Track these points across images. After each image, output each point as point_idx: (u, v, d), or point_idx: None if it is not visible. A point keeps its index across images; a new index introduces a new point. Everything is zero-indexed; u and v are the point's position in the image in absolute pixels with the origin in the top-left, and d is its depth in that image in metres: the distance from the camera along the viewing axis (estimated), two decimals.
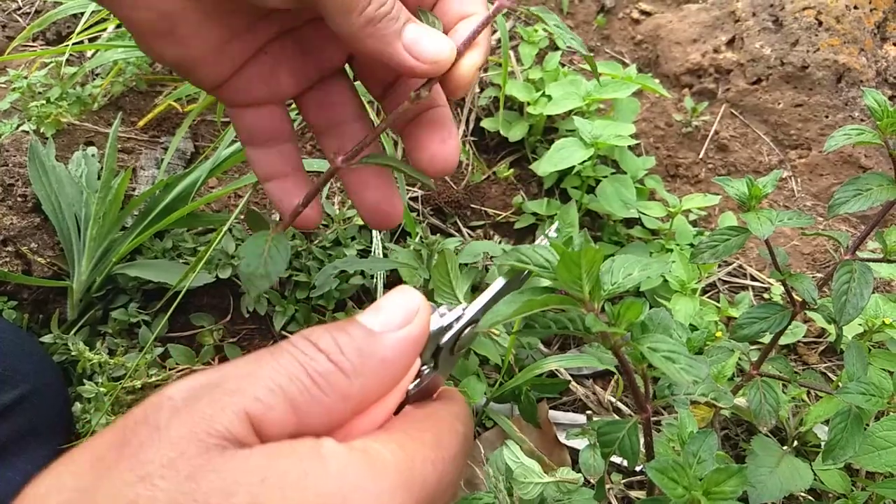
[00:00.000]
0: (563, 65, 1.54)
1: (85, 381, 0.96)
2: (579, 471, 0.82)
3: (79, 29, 1.27)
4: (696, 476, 0.55)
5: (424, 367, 0.40)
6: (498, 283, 0.47)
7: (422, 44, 0.44)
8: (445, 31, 0.47)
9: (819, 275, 1.28)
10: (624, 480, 0.97)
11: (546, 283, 0.52)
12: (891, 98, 1.45)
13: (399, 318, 0.36)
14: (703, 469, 0.55)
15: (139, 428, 0.29)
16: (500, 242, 1.26)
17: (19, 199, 1.14)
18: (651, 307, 0.80)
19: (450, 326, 0.41)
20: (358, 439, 0.32)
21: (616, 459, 0.99)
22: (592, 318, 0.46)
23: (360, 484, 0.29)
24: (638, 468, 1.00)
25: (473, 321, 0.43)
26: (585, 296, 0.45)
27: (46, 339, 1.01)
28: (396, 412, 0.37)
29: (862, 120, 1.42)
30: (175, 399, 0.30)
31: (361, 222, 1.18)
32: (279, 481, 0.28)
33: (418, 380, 0.40)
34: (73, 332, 1.05)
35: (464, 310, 0.42)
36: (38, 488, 0.28)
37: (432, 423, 0.36)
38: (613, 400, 1.07)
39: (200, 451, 0.28)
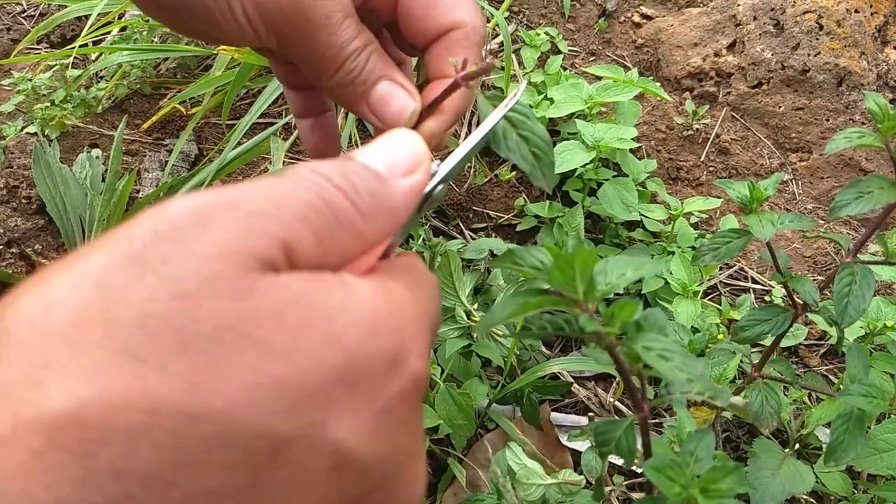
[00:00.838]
0: (565, 68, 1.55)
1: None
2: (581, 473, 0.83)
3: (84, 32, 1.28)
4: (693, 474, 0.55)
5: None
6: (477, 134, 0.45)
7: (386, 107, 0.45)
8: (428, 44, 0.47)
9: (820, 277, 1.28)
10: (626, 482, 0.97)
11: (542, 284, 0.52)
12: (891, 101, 1.46)
13: (405, 164, 0.35)
14: (701, 467, 0.56)
15: (156, 243, 0.24)
16: None
17: (24, 200, 1.15)
18: (645, 305, 0.80)
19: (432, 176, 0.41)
20: (369, 277, 0.32)
21: (618, 461, 0.99)
22: (586, 318, 0.46)
23: (390, 315, 0.29)
24: (639, 469, 1.00)
25: (445, 179, 0.42)
26: (580, 297, 0.46)
27: None
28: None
29: (863, 123, 1.42)
30: (186, 214, 0.26)
31: None
32: (325, 307, 0.27)
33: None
34: None
35: (438, 166, 0.41)
36: (28, 306, 0.23)
37: (416, 271, 0.36)
38: (614, 401, 1.07)
39: (240, 272, 0.25)
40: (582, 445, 0.99)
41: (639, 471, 1.00)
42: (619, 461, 0.97)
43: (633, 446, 0.54)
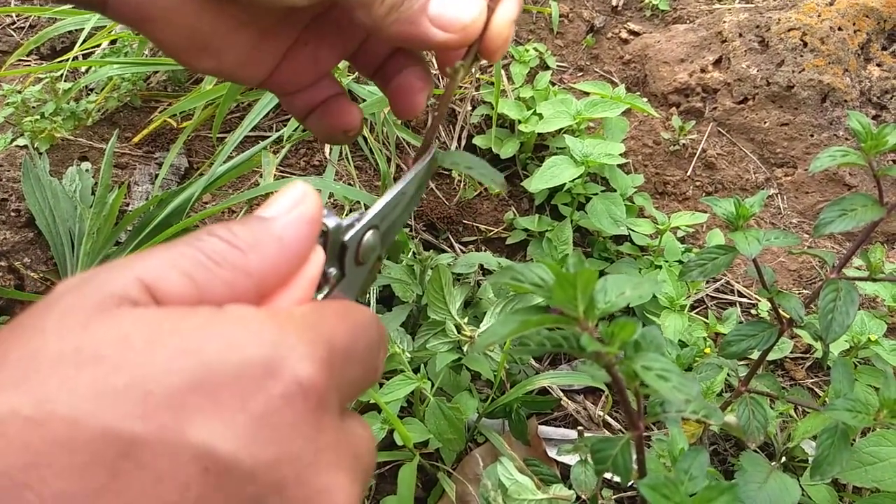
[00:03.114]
0: (554, 84, 1.57)
1: None
2: (570, 486, 0.83)
3: (77, 46, 1.28)
4: (687, 493, 0.56)
5: (331, 269, 0.40)
6: (403, 180, 0.46)
7: (447, 13, 0.42)
8: None
9: (806, 291, 1.30)
10: (615, 496, 0.98)
11: (539, 300, 0.53)
12: (875, 118, 1.48)
13: (288, 203, 0.35)
14: (695, 486, 0.57)
15: (33, 309, 0.28)
16: None
17: (13, 213, 1.14)
18: (642, 323, 0.81)
19: (352, 225, 0.41)
20: (265, 305, 0.33)
21: (607, 475, 1.00)
22: (587, 337, 0.47)
23: (264, 326, 0.29)
24: (629, 483, 1.00)
25: (374, 225, 0.42)
26: (580, 315, 0.46)
27: None
28: None
29: (847, 139, 1.44)
30: (68, 282, 0.29)
31: None
32: (176, 326, 0.27)
33: (327, 288, 0.40)
34: None
35: (360, 214, 0.42)
36: None
37: (340, 302, 0.36)
38: (603, 415, 1.08)
39: (95, 307, 0.27)
40: (571, 459, 1.00)
41: (629, 484, 1.01)
42: (609, 475, 0.98)
43: (629, 464, 0.54)
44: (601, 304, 0.50)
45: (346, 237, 0.40)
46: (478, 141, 1.41)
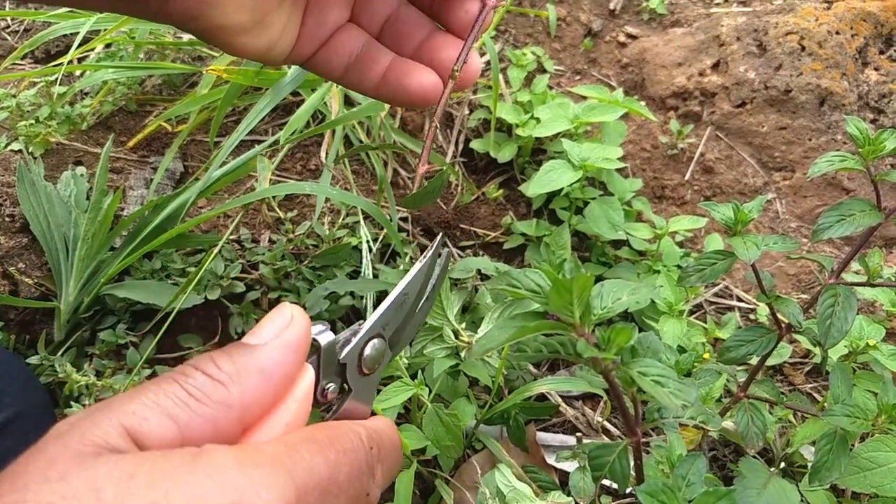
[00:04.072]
0: (551, 87, 1.56)
1: (72, 402, 0.95)
2: (569, 493, 0.82)
3: (72, 50, 1.28)
4: (685, 499, 0.55)
5: (329, 384, 0.40)
6: (404, 281, 0.45)
7: None
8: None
9: (804, 295, 1.29)
10: (614, 503, 0.97)
11: (536, 306, 0.52)
12: (872, 121, 1.48)
13: (273, 330, 0.37)
14: (693, 492, 0.56)
15: (24, 456, 0.30)
16: None
17: (7, 218, 1.14)
18: (639, 328, 0.80)
19: (349, 340, 0.41)
20: (242, 442, 0.34)
21: (605, 482, 0.99)
22: (583, 343, 0.46)
23: (230, 471, 0.30)
24: (627, 490, 1.00)
25: (374, 335, 0.42)
26: (576, 321, 0.46)
27: (33, 360, 1.00)
28: None
29: (844, 143, 1.44)
30: (59, 428, 0.31)
31: (354, 242, 1.18)
32: (147, 477, 0.29)
33: (333, 404, 0.40)
34: (60, 353, 1.05)
35: (360, 325, 0.42)
36: None
37: (329, 428, 0.36)
38: (602, 421, 1.07)
39: (75, 457, 0.29)
40: (570, 466, 0.99)
41: (627, 491, 1.00)
42: (608, 481, 0.97)
43: (626, 471, 0.54)
44: (598, 310, 0.50)
45: (343, 354, 0.40)
46: (475, 145, 1.41)
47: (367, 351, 0.41)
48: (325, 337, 0.39)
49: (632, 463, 0.58)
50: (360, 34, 0.55)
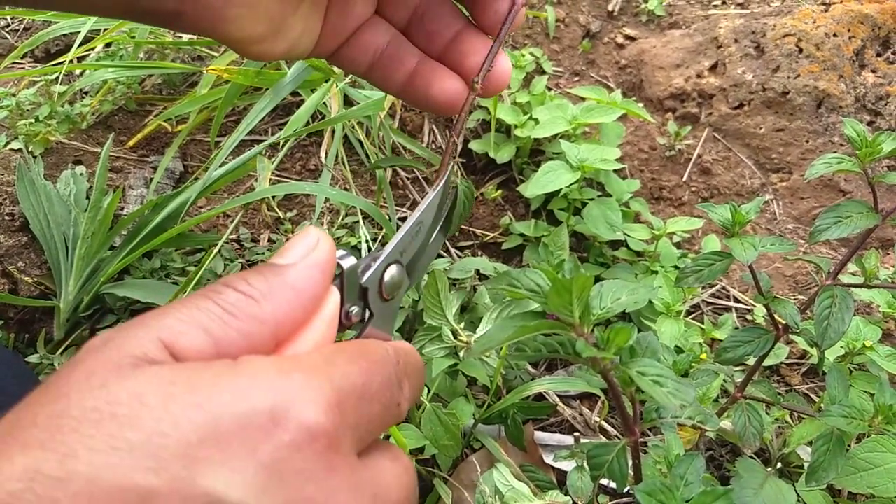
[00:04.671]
0: (550, 88, 1.57)
1: None
2: (567, 492, 0.83)
3: (73, 49, 1.28)
4: (683, 498, 0.56)
5: (353, 307, 0.41)
6: (418, 209, 0.46)
7: None
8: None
9: (801, 297, 1.30)
10: (612, 502, 0.98)
11: (535, 306, 0.53)
12: (869, 123, 1.49)
13: (302, 250, 0.37)
14: (691, 491, 0.57)
15: (61, 369, 0.31)
16: None
17: (7, 217, 1.14)
18: (637, 329, 0.81)
19: (369, 265, 0.42)
20: (280, 353, 0.35)
21: (603, 481, 1.00)
22: (583, 343, 0.47)
23: (271, 375, 0.31)
24: (625, 489, 1.00)
25: (393, 260, 0.43)
26: (576, 321, 0.47)
27: (32, 359, 1.01)
28: None
29: (842, 145, 1.45)
30: (93, 343, 0.32)
31: (353, 242, 1.19)
32: (189, 382, 0.29)
33: (356, 327, 0.41)
34: (59, 352, 1.05)
35: (378, 251, 0.43)
36: None
37: (359, 342, 0.37)
38: (600, 421, 1.08)
39: (114, 368, 0.30)
40: (567, 465, 1.00)
41: (625, 490, 1.01)
42: (605, 481, 0.98)
43: (625, 470, 0.54)
44: (597, 310, 0.50)
45: (364, 278, 0.41)
46: (474, 146, 1.42)
47: (387, 276, 0.42)
48: (348, 261, 0.40)
49: (630, 462, 0.59)
50: (387, 28, 0.53)
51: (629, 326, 0.47)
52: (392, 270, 0.43)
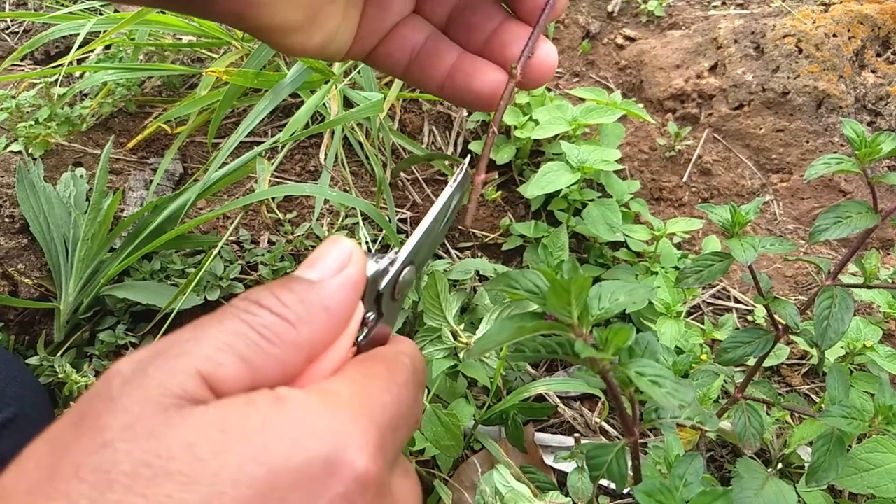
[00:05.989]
0: (550, 89, 1.57)
1: (71, 403, 0.95)
2: (567, 493, 0.83)
3: (73, 51, 1.28)
4: (682, 499, 0.56)
5: (369, 313, 0.40)
6: (435, 208, 0.44)
7: None
8: None
9: (801, 297, 1.30)
10: (611, 503, 0.98)
11: (535, 307, 0.53)
12: (869, 124, 1.49)
13: (335, 264, 0.36)
14: (690, 492, 0.56)
15: (93, 403, 0.29)
16: None
17: (7, 219, 1.14)
18: (637, 329, 0.81)
19: (386, 270, 0.41)
20: (313, 384, 0.33)
21: (603, 482, 1.00)
22: (581, 343, 0.47)
23: (320, 418, 0.30)
24: (625, 490, 1.00)
25: (409, 262, 0.42)
26: (574, 321, 0.46)
27: (32, 360, 1.01)
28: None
29: (842, 145, 1.45)
30: (123, 371, 0.30)
31: None
32: (240, 429, 0.28)
33: (366, 329, 0.40)
34: (59, 353, 1.05)
35: (396, 253, 0.42)
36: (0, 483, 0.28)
37: (380, 358, 0.36)
38: (600, 422, 1.07)
39: (157, 411, 0.28)
40: (567, 466, 1.00)
41: (625, 491, 1.01)
42: (605, 482, 0.97)
43: (624, 470, 0.54)
44: (595, 311, 0.50)
45: (382, 284, 0.40)
46: (473, 146, 1.41)
47: (402, 278, 0.42)
48: (370, 269, 0.39)
49: (629, 463, 0.59)
50: (425, 26, 0.50)
51: (628, 327, 0.47)
52: (406, 272, 0.42)
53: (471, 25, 0.50)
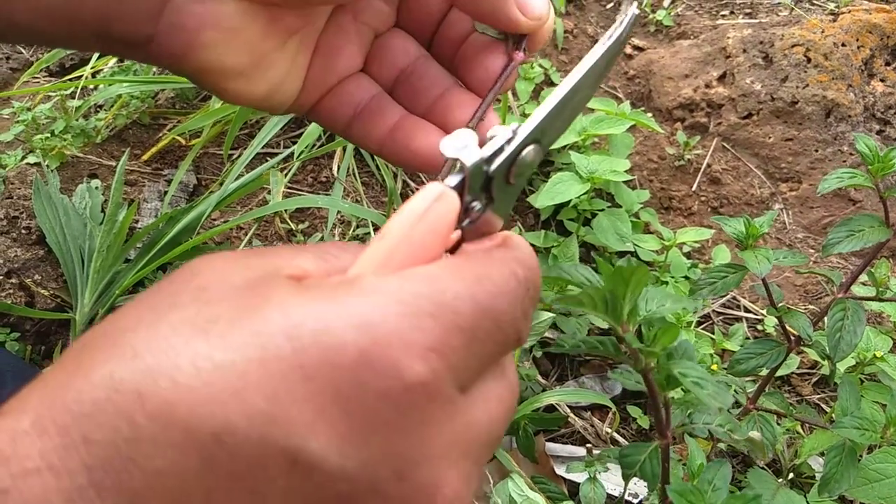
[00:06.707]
0: None
1: None
2: (579, 503, 0.83)
3: (89, 64, 1.30)
4: (710, 502, 0.57)
5: (475, 203, 0.33)
6: (578, 72, 0.36)
7: (530, 3, 0.43)
8: None
9: (811, 306, 1.30)
10: None
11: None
12: (879, 132, 1.49)
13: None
14: (718, 497, 0.57)
15: (186, 283, 0.28)
16: None
17: (24, 231, 1.15)
18: None
19: (501, 150, 0.33)
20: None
21: (613, 492, 1.00)
22: (631, 336, 0.47)
23: (372, 308, 0.27)
24: (634, 501, 1.01)
25: (532, 140, 0.34)
26: (624, 315, 0.47)
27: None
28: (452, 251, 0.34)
29: (851, 154, 1.45)
30: (213, 261, 0.29)
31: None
32: (299, 298, 0.27)
33: (468, 219, 0.33)
34: None
35: (514, 131, 0.33)
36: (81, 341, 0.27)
37: (478, 259, 0.31)
38: (611, 432, 1.08)
39: (260, 282, 0.27)
40: (579, 477, 1.00)
41: (634, 501, 1.01)
42: (615, 491, 0.98)
43: (657, 470, 0.55)
44: (643, 312, 0.51)
45: (492, 168, 0.33)
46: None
47: (521, 158, 0.34)
48: (470, 155, 0.32)
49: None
50: (371, 85, 0.49)
51: (675, 326, 0.48)
52: (528, 152, 0.34)
53: (418, 89, 0.48)
